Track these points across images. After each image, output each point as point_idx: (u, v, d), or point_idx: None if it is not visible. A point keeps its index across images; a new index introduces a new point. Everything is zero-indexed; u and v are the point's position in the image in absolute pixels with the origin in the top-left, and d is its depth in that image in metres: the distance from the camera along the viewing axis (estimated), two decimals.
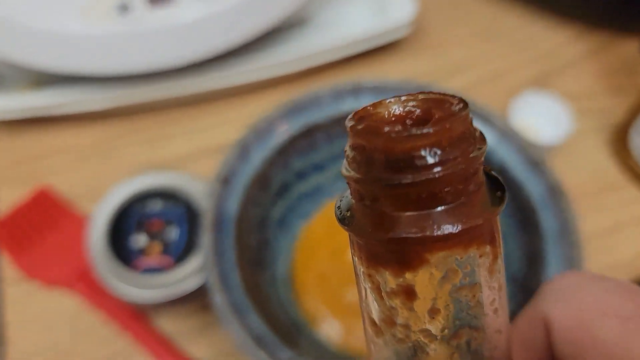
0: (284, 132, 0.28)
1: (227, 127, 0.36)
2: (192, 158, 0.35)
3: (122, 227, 0.27)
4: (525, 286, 0.26)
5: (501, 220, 0.28)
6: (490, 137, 0.29)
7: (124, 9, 0.29)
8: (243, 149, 0.27)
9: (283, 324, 0.26)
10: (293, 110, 0.29)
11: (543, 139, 0.34)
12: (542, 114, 0.35)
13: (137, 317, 0.28)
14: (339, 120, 0.30)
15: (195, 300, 0.27)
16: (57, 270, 0.29)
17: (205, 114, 0.36)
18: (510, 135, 0.28)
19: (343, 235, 0.30)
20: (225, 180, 0.26)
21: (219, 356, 0.28)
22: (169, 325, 0.29)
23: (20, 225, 0.30)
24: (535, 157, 0.27)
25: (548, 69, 0.40)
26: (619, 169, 0.35)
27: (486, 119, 0.29)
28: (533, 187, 0.27)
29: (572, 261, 0.25)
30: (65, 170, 0.34)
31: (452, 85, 0.38)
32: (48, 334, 0.28)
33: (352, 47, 0.36)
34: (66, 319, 0.29)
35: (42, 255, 0.29)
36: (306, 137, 0.29)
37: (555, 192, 0.26)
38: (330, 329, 0.28)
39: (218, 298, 0.23)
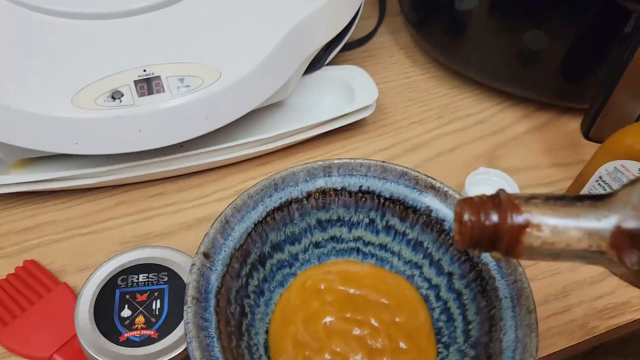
0: (262, 207, 0.31)
1: (211, 199, 0.38)
2: (177, 230, 0.37)
3: (108, 302, 0.28)
4: (487, 351, 0.28)
5: (463, 288, 0.31)
6: (449, 212, 0.32)
7: (115, 97, 0.32)
8: (224, 224, 0.29)
9: None
10: (271, 186, 0.31)
11: None
12: (495, 186, 0.39)
13: None
14: (313, 195, 0.32)
15: None
16: (38, 344, 0.30)
17: (190, 188, 0.39)
18: None
19: (317, 302, 0.32)
20: (207, 255, 0.28)
21: None
22: None
23: (3, 300, 0.31)
24: None
25: (498, 144, 0.44)
26: None
27: (444, 196, 0.32)
28: (489, 256, 0.30)
29: (527, 327, 0.27)
30: (52, 243, 0.35)
31: (413, 159, 0.42)
32: None
33: (324, 126, 0.40)
34: None
35: (24, 329, 0.30)
36: (282, 211, 0.32)
37: (507, 260, 0.29)
38: None
39: None
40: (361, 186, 0.33)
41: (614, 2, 0.38)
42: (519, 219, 0.18)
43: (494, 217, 0.19)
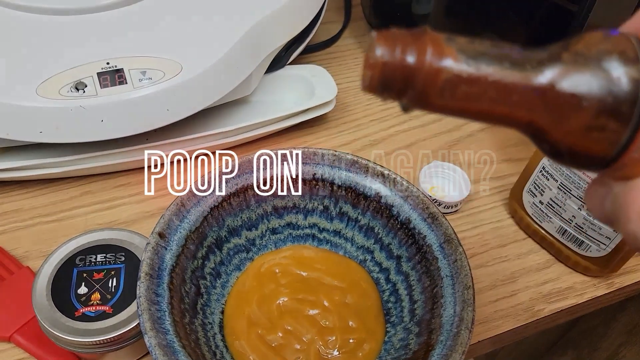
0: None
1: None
2: (141, 218, 0.38)
3: (65, 279, 0.29)
4: (429, 327, 0.30)
5: (410, 270, 0.33)
6: (397, 198, 0.33)
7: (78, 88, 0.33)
8: (180, 207, 0.31)
9: None
10: (228, 172, 0.33)
11: (449, 200, 0.39)
12: (447, 179, 0.41)
13: None
14: (269, 182, 0.34)
15: (134, 347, 0.29)
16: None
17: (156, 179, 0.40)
18: (413, 196, 0.33)
19: (272, 285, 0.33)
20: (161, 235, 0.29)
21: None
22: None
23: None
24: (433, 212, 0.32)
25: (454, 141, 0.46)
26: (518, 225, 0.41)
27: (392, 183, 0.34)
28: (432, 238, 0.32)
29: (464, 302, 0.29)
30: (16, 230, 0.36)
31: (371, 153, 0.44)
32: None
33: (286, 120, 0.41)
34: None
35: None
36: (239, 197, 0.33)
37: (449, 241, 0.31)
38: None
39: (150, 340, 0.26)
40: (315, 174, 0.34)
41: (557, 5, 0.41)
42: (438, 60, 0.15)
43: (412, 54, 0.15)
